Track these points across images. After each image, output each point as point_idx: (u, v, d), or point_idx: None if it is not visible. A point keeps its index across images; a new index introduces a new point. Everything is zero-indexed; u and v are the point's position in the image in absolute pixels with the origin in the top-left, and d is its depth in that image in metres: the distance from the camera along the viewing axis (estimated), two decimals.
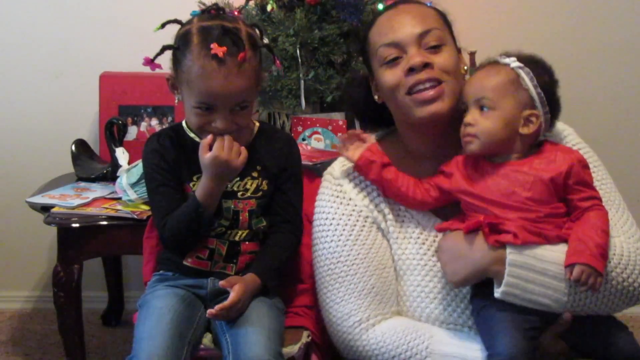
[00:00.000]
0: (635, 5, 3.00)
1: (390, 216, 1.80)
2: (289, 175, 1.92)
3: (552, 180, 1.61)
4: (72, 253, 2.33)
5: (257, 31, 1.87)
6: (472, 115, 1.65)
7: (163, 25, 1.86)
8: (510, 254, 1.58)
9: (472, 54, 2.56)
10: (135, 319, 1.86)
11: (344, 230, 1.79)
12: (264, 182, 1.89)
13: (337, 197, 1.82)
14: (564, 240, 1.61)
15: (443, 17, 1.80)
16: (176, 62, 1.81)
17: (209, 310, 1.76)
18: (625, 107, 3.05)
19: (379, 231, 1.80)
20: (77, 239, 2.32)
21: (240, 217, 1.87)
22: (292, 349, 1.84)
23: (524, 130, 1.65)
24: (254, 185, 1.88)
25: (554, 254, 1.59)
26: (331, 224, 1.80)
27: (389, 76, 1.73)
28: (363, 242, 1.78)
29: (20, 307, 3.15)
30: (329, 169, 1.89)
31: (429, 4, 1.85)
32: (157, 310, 1.78)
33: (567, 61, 2.95)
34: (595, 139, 2.92)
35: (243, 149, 1.80)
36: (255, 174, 1.88)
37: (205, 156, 1.76)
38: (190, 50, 1.76)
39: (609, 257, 1.61)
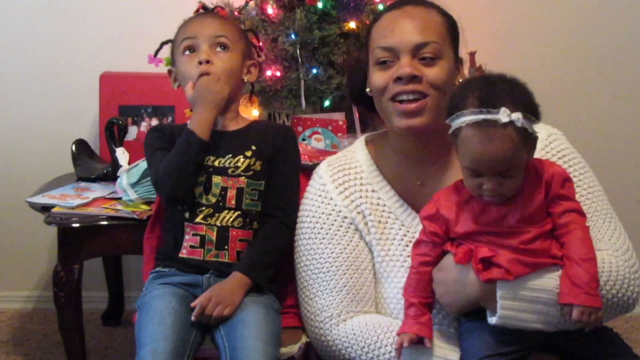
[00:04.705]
0: (636, 5, 2.99)
1: (371, 217, 1.81)
2: (284, 158, 1.95)
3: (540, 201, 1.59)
4: (72, 253, 2.32)
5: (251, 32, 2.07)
6: (495, 182, 1.55)
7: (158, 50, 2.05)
8: (501, 289, 1.56)
9: (472, 54, 2.55)
10: (135, 320, 1.86)
11: (321, 228, 1.82)
12: (257, 162, 1.92)
13: (320, 195, 1.85)
14: (554, 263, 1.58)
15: (450, 25, 1.78)
16: (172, 54, 2.01)
17: (193, 314, 1.77)
18: (625, 106, 3.05)
19: (357, 232, 1.82)
20: (77, 239, 2.32)
21: (228, 194, 1.89)
22: (292, 349, 1.85)
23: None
24: (246, 164, 1.91)
25: (544, 281, 1.57)
26: (310, 221, 1.84)
27: (378, 78, 1.75)
28: (338, 241, 1.81)
29: (21, 307, 3.14)
30: (317, 168, 1.92)
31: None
32: (157, 313, 1.77)
33: (567, 61, 2.97)
34: (596, 138, 2.96)
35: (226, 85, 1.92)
36: (248, 153, 1.92)
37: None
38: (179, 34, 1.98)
39: (599, 273, 1.58)
